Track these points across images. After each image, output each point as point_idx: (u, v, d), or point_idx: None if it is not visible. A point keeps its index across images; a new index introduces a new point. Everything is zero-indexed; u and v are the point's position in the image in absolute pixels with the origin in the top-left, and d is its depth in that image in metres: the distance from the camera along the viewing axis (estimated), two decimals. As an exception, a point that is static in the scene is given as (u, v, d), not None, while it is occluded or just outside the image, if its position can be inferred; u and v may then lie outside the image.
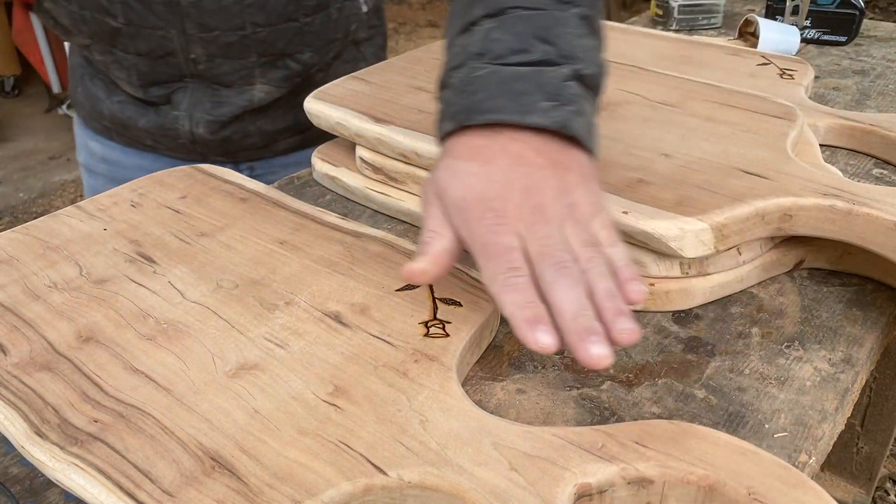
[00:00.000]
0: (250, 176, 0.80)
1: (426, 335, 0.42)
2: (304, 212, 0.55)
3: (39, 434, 0.36)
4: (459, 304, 0.45)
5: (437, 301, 0.45)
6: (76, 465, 0.34)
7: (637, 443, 0.35)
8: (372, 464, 0.34)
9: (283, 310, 0.45)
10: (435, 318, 0.44)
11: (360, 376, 0.40)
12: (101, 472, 0.34)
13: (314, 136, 0.69)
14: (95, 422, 0.37)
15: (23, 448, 0.36)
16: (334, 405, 0.38)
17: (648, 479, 0.34)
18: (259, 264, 0.49)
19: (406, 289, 0.46)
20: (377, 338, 0.42)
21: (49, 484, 0.39)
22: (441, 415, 0.37)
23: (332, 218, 0.54)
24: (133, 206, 0.56)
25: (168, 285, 0.47)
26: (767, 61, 0.76)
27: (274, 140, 0.80)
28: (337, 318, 0.44)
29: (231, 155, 0.79)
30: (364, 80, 0.67)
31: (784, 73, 0.73)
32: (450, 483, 0.34)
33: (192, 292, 0.46)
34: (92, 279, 0.48)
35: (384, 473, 0.34)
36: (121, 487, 0.33)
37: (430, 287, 0.46)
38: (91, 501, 0.33)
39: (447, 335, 0.42)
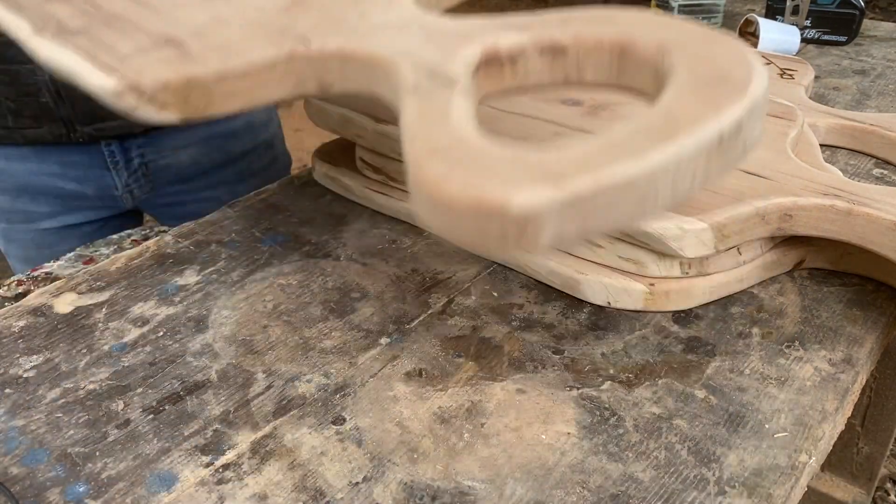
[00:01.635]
0: (141, 164, 0.75)
1: None
2: None
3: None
4: None
5: None
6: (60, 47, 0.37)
7: (560, 22, 0.34)
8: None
9: None
10: None
11: None
12: (78, 47, 0.37)
13: None
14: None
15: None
16: (288, 10, 0.39)
17: (561, 45, 0.33)
18: None
19: None
20: None
21: (49, 484, 0.39)
22: (380, 9, 0.38)
23: None
24: None
25: None
26: (767, 61, 0.76)
27: None
28: None
29: (102, 126, 0.71)
30: (364, 79, 0.67)
31: (784, 72, 0.73)
32: (364, 48, 0.35)
33: None
34: None
35: (308, 44, 0.36)
36: (88, 52, 0.36)
37: None
38: (64, 67, 0.36)
39: None
